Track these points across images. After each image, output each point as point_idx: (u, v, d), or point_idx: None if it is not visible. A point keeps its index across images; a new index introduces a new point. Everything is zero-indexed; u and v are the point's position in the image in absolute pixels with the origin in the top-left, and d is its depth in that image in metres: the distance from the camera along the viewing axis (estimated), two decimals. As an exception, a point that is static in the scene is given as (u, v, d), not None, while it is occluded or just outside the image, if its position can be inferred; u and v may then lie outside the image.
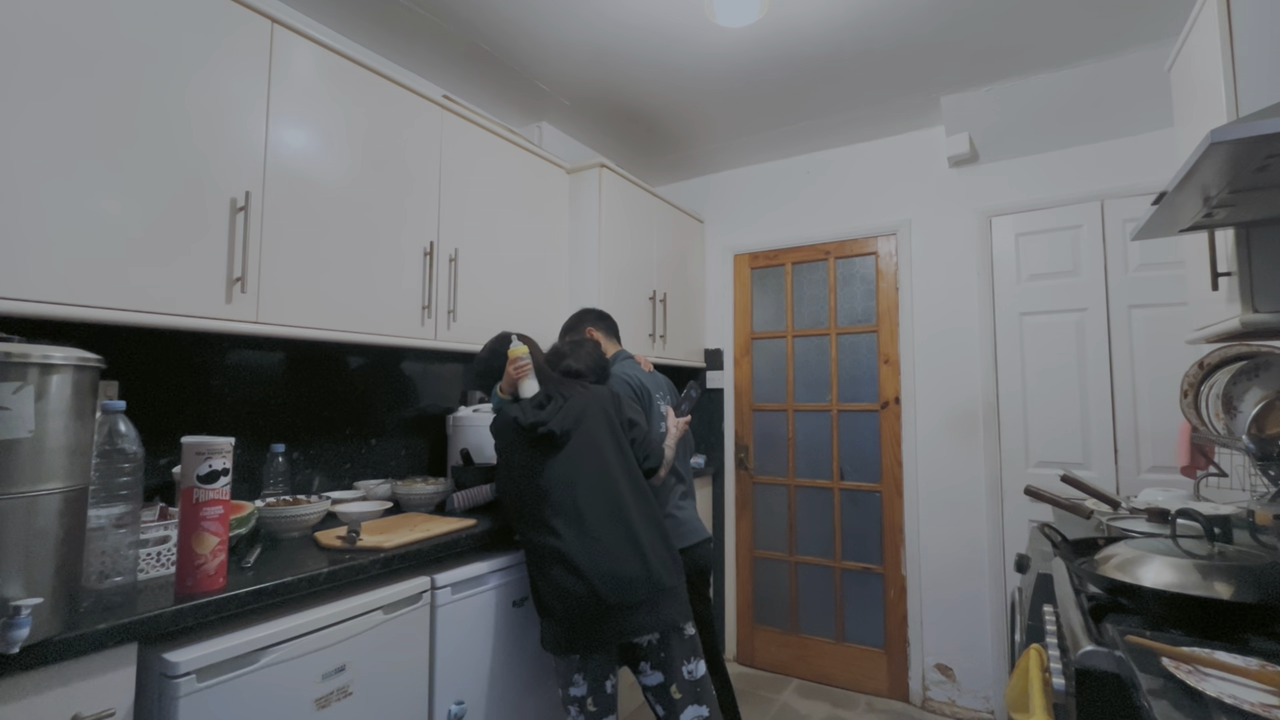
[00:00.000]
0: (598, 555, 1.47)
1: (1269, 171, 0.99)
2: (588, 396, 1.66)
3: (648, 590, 1.47)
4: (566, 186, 2.60)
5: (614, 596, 1.44)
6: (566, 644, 1.47)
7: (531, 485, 1.56)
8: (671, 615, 1.50)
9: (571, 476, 1.55)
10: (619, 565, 1.47)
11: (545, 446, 1.58)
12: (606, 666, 1.54)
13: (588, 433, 1.60)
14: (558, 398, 1.62)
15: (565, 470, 1.55)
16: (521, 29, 2.13)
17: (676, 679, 1.52)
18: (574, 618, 1.45)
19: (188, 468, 1.13)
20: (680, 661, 1.53)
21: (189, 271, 1.38)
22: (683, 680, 1.52)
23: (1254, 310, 1.27)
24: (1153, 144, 2.42)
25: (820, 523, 3.04)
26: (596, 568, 1.45)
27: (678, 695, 1.52)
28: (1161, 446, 2.34)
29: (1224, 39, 1.28)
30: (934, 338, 2.81)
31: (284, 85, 1.58)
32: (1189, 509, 1.25)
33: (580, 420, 1.61)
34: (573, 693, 1.52)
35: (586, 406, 1.64)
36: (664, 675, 1.53)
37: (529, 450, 1.58)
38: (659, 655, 1.53)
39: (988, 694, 2.60)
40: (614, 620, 1.45)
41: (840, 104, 2.66)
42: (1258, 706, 0.73)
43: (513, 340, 1.70)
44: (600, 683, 1.53)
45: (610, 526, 1.51)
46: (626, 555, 1.48)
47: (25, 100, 1.16)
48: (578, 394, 1.65)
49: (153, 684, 1.03)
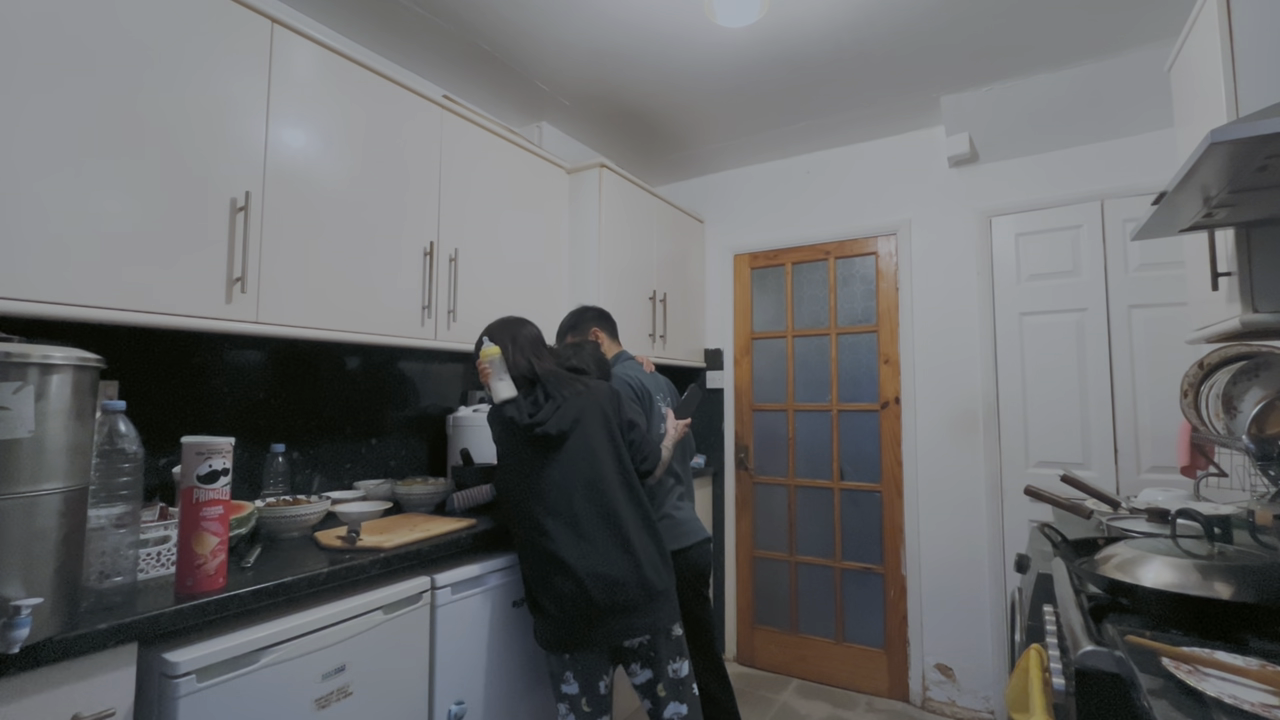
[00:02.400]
0: (590, 557, 1.48)
1: (1269, 171, 0.99)
2: (587, 396, 1.65)
3: (639, 593, 1.49)
4: (566, 186, 2.60)
5: (605, 599, 1.46)
6: (557, 642, 1.50)
7: (526, 485, 1.56)
8: (661, 618, 1.53)
9: (566, 478, 1.55)
10: (611, 568, 1.48)
11: (542, 446, 1.57)
12: (599, 667, 1.55)
13: (584, 434, 1.60)
14: (556, 397, 1.62)
15: (560, 471, 1.56)
16: (521, 29, 2.13)
17: (663, 678, 1.57)
18: (565, 618, 1.47)
19: (188, 468, 1.13)
20: (667, 661, 1.57)
21: (189, 271, 1.38)
22: (668, 679, 1.57)
23: (1254, 310, 1.27)
24: (1153, 144, 2.42)
25: (820, 523, 3.04)
26: (588, 570, 1.47)
27: (662, 693, 1.56)
28: (1161, 446, 2.34)
29: (1224, 39, 1.28)
30: (934, 338, 2.81)
31: (284, 85, 1.58)
32: (1189, 509, 1.25)
33: (578, 421, 1.60)
34: (564, 690, 1.53)
35: (585, 407, 1.63)
36: (652, 673, 1.57)
37: (526, 449, 1.58)
38: (648, 655, 1.57)
39: (988, 694, 2.60)
40: (604, 622, 1.47)
41: (840, 104, 2.66)
42: (1258, 706, 0.73)
43: (484, 341, 1.68)
44: (594, 683, 1.54)
45: (603, 529, 1.52)
46: (618, 558, 1.50)
47: (27, 99, 1.16)
48: (576, 393, 1.65)
49: (153, 684, 1.03)
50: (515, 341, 1.69)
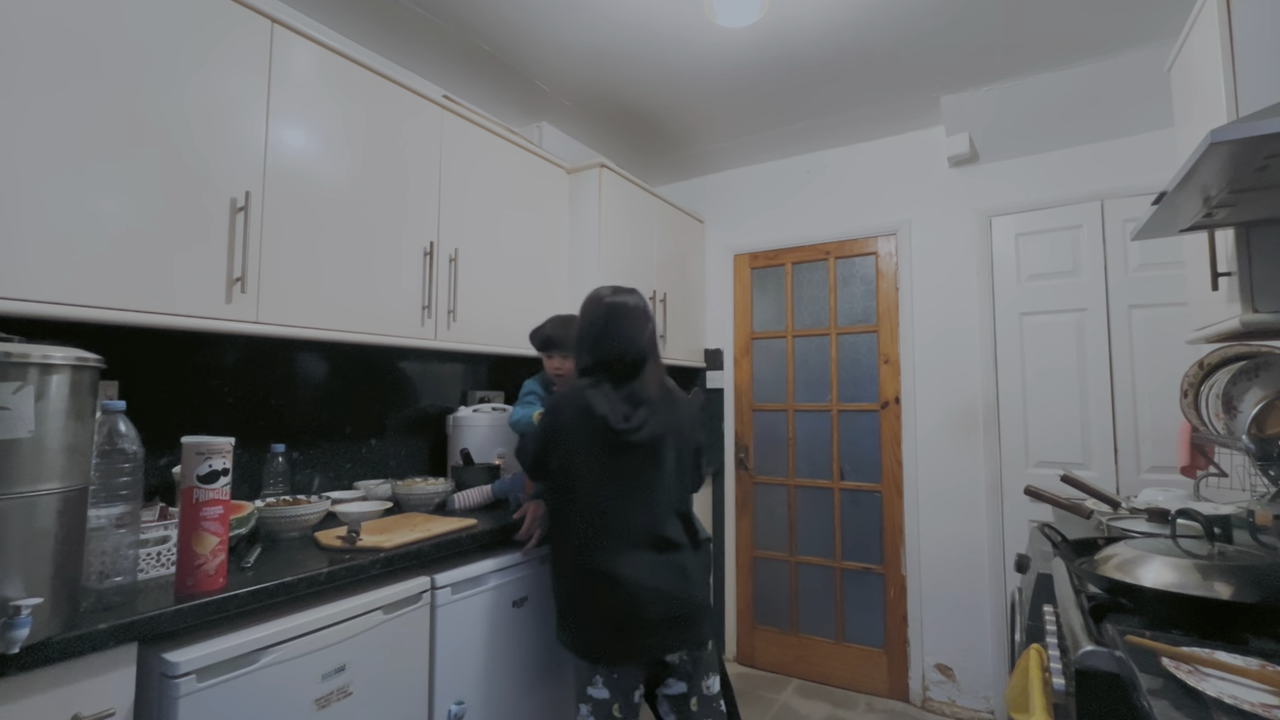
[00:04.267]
0: (646, 571, 1.45)
1: (1269, 171, 0.99)
2: (675, 410, 1.59)
3: (690, 609, 1.48)
4: (566, 186, 2.60)
5: (659, 613, 1.44)
6: (599, 652, 1.45)
7: (589, 488, 1.49)
8: (705, 634, 1.51)
9: (633, 488, 1.50)
10: (666, 583, 1.46)
11: (621, 452, 1.50)
12: (636, 676, 1.51)
13: (665, 447, 1.55)
14: (649, 403, 1.54)
15: (630, 481, 1.50)
16: (521, 29, 2.13)
17: (697, 692, 1.53)
18: (612, 629, 1.44)
19: (188, 468, 1.13)
20: (702, 676, 1.54)
21: (189, 271, 1.38)
22: (701, 694, 1.53)
23: (1254, 310, 1.27)
24: (1153, 144, 2.42)
25: (820, 523, 3.04)
26: (644, 584, 1.44)
27: (695, 708, 1.53)
28: (1161, 446, 2.34)
29: (1224, 39, 1.27)
30: (934, 338, 2.81)
31: (284, 85, 1.58)
32: (1189, 509, 1.25)
33: (664, 434, 1.55)
34: (589, 692, 1.48)
35: (670, 421, 1.57)
36: (686, 687, 1.53)
37: (602, 451, 1.49)
38: (686, 669, 1.53)
39: (988, 694, 2.60)
40: (654, 636, 1.44)
41: (840, 104, 2.66)
42: (1258, 706, 0.73)
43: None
44: (629, 692, 1.50)
45: (659, 543, 1.49)
46: (673, 574, 1.48)
47: (29, 99, 1.16)
48: (667, 403, 1.59)
49: (153, 684, 1.03)
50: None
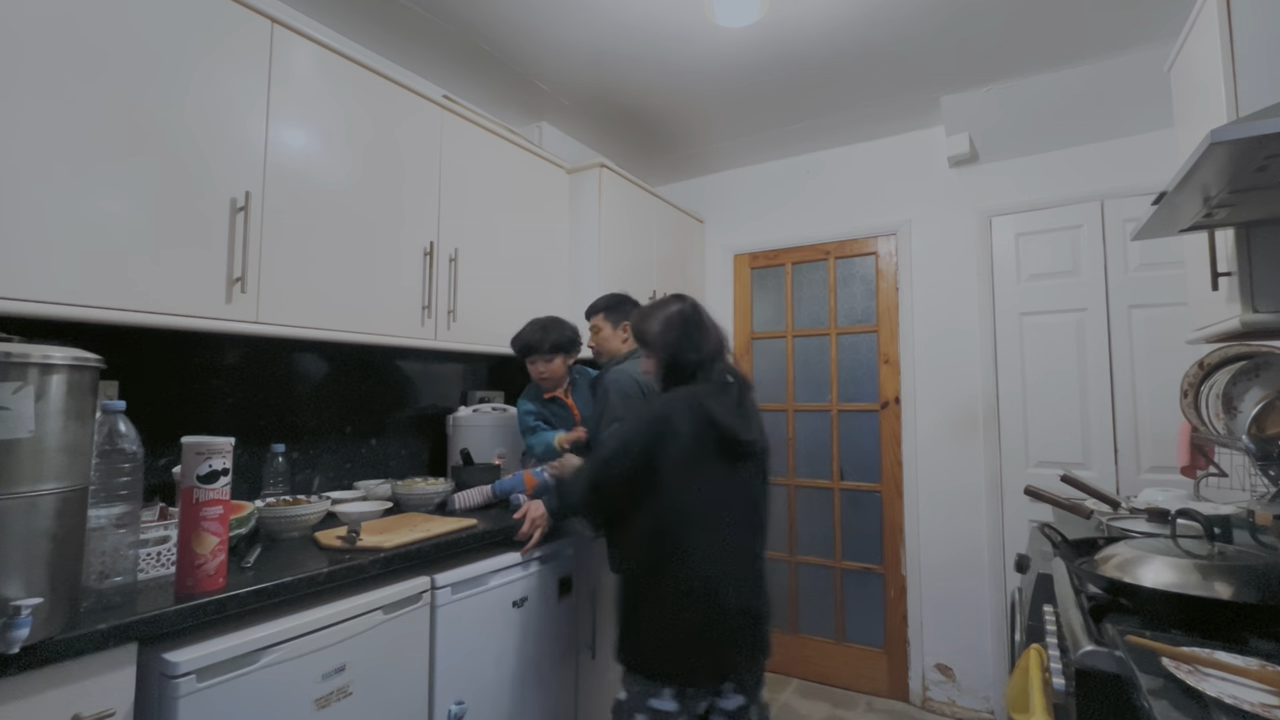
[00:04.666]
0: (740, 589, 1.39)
1: (1269, 171, 0.99)
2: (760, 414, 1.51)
3: (768, 628, 1.45)
4: (566, 186, 2.60)
5: (749, 634, 1.39)
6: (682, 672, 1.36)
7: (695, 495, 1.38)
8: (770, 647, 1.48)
9: (734, 497, 1.42)
10: (755, 601, 1.41)
11: (728, 457, 1.39)
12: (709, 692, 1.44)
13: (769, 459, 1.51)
14: (745, 403, 1.43)
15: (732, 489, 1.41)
16: (521, 29, 2.13)
17: (754, 703, 1.48)
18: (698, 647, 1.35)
19: (188, 468, 1.13)
20: (758, 689, 1.49)
21: (189, 271, 1.38)
22: (758, 705, 1.49)
23: (1254, 310, 1.27)
24: (1153, 144, 2.41)
25: (820, 523, 3.04)
26: (740, 604, 1.38)
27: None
28: (1161, 446, 2.34)
29: (1224, 39, 1.27)
30: (934, 338, 2.81)
31: (284, 85, 1.58)
32: (1189, 509, 1.25)
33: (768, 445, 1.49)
34: (653, 704, 1.37)
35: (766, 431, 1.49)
36: (744, 699, 1.46)
37: (710, 456, 1.38)
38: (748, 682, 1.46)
39: (988, 694, 2.60)
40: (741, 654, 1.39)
41: (840, 104, 2.65)
42: (1258, 706, 0.73)
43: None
44: (697, 706, 1.42)
45: (748, 558, 1.43)
46: (759, 592, 1.43)
47: (28, 99, 1.16)
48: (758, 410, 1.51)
49: (153, 684, 1.03)
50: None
